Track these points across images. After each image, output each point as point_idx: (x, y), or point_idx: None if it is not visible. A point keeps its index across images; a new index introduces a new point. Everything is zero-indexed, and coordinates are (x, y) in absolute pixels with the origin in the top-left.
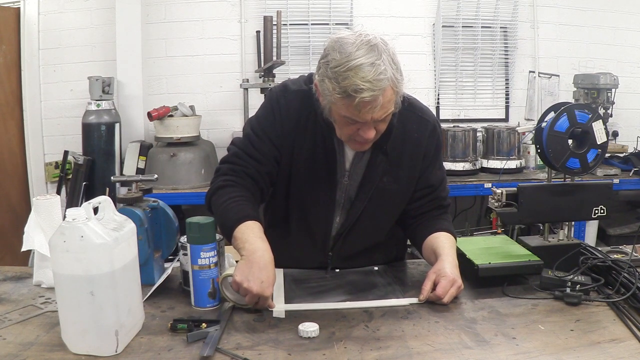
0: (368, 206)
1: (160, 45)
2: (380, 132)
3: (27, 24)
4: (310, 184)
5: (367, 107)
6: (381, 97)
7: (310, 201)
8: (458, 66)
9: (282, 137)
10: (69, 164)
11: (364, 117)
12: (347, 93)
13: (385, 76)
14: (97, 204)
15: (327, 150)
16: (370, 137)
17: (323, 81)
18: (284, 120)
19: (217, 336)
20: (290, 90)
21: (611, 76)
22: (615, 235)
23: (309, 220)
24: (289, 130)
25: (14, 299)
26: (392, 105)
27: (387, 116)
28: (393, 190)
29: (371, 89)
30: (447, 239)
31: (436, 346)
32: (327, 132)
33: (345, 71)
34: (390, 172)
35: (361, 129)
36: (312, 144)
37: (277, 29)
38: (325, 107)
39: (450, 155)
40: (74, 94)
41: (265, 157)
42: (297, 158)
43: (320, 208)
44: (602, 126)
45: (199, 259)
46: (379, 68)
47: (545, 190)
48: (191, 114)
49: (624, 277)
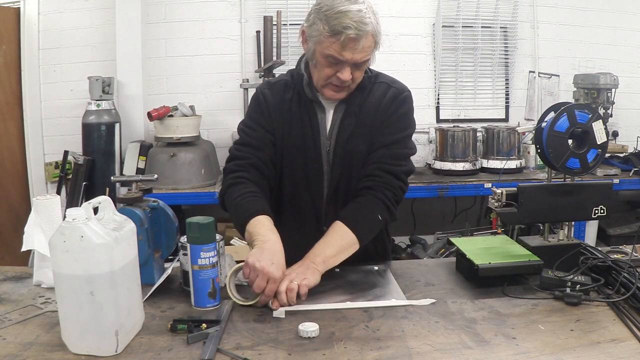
0: (344, 170)
1: (160, 45)
2: (356, 81)
3: (27, 24)
4: (301, 162)
5: (350, 44)
6: (364, 39)
7: (300, 179)
8: (458, 66)
9: (271, 122)
10: (69, 164)
11: (346, 55)
12: (335, 30)
13: (370, 21)
14: (97, 204)
15: (312, 124)
16: (347, 78)
17: (314, 24)
18: (270, 108)
19: (217, 337)
20: (272, 82)
21: (611, 76)
22: (615, 235)
23: (302, 198)
24: (276, 116)
25: (14, 299)
26: (370, 53)
27: (364, 63)
28: (361, 151)
29: (357, 28)
30: (334, 228)
31: (436, 346)
32: (311, 108)
33: (335, 13)
34: (359, 134)
35: (339, 70)
36: (299, 122)
37: (277, 29)
38: (309, 50)
39: (450, 155)
40: (74, 94)
41: (262, 142)
42: (287, 139)
43: (311, 183)
44: (602, 126)
45: (199, 259)
46: (365, 14)
47: (545, 190)
48: (191, 114)
49: (624, 277)
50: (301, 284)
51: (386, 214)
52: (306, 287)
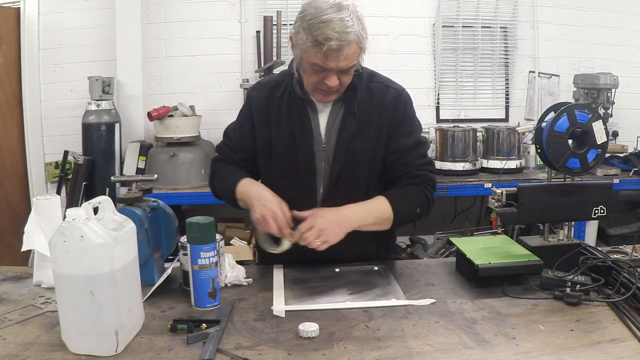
0: (344, 170)
1: (160, 45)
2: (344, 85)
3: (27, 24)
4: (291, 159)
5: (333, 55)
6: (347, 48)
7: (292, 177)
8: (458, 66)
9: (256, 124)
10: (69, 164)
11: (330, 64)
12: (318, 41)
13: (352, 30)
14: (97, 204)
15: (303, 122)
16: (333, 84)
17: (298, 32)
18: (255, 110)
19: (217, 337)
20: (261, 84)
21: (611, 76)
22: (615, 235)
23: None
24: (262, 117)
25: (14, 299)
26: (355, 59)
27: (351, 69)
28: (364, 150)
29: (339, 39)
30: (377, 199)
31: (436, 346)
32: (302, 106)
33: (317, 23)
34: (360, 133)
35: (326, 77)
36: (288, 120)
37: (277, 29)
38: (297, 56)
39: (450, 155)
40: (74, 94)
41: (238, 147)
42: (276, 139)
43: (303, 182)
44: (602, 126)
45: (199, 259)
46: (346, 23)
47: (545, 190)
48: (191, 114)
49: (624, 277)
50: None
51: (424, 209)
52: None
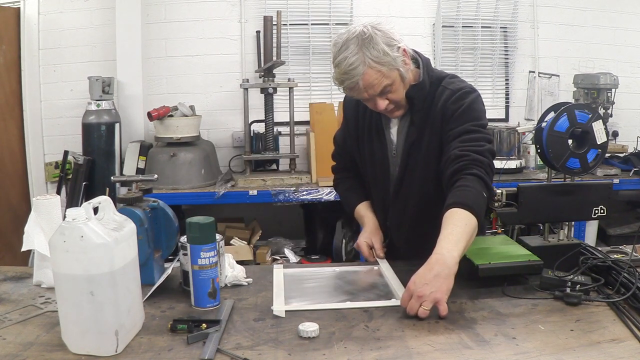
0: (407, 174)
1: (160, 45)
2: (396, 101)
3: (27, 24)
4: (371, 164)
5: (354, 92)
6: (361, 82)
7: (372, 178)
8: (458, 66)
9: (351, 130)
10: (69, 164)
11: (361, 96)
12: (337, 82)
13: (357, 65)
14: (97, 204)
15: (378, 131)
16: (381, 107)
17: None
18: (349, 118)
19: (217, 338)
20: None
21: (611, 76)
22: (615, 235)
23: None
24: (353, 125)
25: (14, 299)
26: (384, 80)
27: (386, 87)
28: (424, 156)
29: (348, 79)
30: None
31: (436, 346)
32: (377, 115)
33: (334, 66)
34: (421, 139)
35: (372, 103)
36: (369, 129)
37: (277, 29)
38: None
39: None
40: (74, 94)
41: (345, 151)
42: (362, 145)
43: (378, 183)
44: (602, 126)
45: (199, 259)
46: (349, 60)
47: (545, 190)
48: (191, 114)
49: (624, 277)
50: (438, 307)
51: (485, 189)
52: (443, 306)
